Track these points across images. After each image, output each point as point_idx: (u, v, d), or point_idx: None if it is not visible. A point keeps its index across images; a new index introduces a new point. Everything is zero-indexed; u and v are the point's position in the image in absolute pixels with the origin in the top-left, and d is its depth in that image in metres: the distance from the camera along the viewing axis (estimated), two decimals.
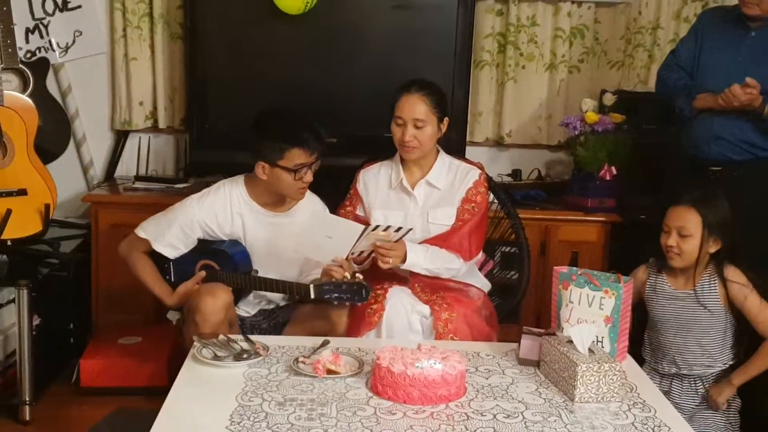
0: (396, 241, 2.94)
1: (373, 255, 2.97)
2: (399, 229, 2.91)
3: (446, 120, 3.12)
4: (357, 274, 2.83)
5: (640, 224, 3.72)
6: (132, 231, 3.66)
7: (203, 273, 3.02)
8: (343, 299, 2.76)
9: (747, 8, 3.29)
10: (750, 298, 2.71)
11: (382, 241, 2.91)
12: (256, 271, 3.03)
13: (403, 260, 2.97)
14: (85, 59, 4.16)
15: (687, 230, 2.72)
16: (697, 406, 2.78)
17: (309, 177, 2.96)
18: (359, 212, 3.20)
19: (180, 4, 4.10)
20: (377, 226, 2.90)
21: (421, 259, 3.01)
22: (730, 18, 3.44)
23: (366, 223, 3.13)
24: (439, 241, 3.09)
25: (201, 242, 3.07)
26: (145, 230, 3.06)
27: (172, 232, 3.01)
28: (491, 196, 3.43)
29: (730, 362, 2.80)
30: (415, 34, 3.89)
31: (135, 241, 3.07)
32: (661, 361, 2.82)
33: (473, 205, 3.13)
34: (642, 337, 2.98)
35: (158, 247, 3.03)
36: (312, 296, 2.80)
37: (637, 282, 2.88)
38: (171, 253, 3.05)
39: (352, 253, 2.88)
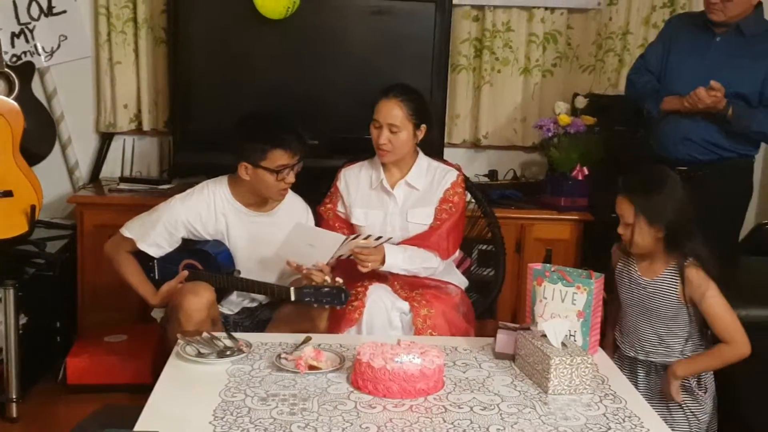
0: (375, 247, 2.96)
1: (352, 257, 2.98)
2: (379, 238, 2.92)
3: (423, 127, 3.11)
4: (337, 279, 2.83)
5: (610, 222, 3.71)
6: (117, 231, 3.67)
7: (186, 272, 3.01)
8: (323, 303, 2.77)
9: (713, 14, 3.32)
10: (707, 302, 2.63)
11: (360, 247, 2.93)
12: (239, 272, 3.03)
13: (383, 262, 2.98)
14: (70, 63, 4.14)
15: (625, 218, 2.67)
16: (657, 393, 2.73)
17: (291, 178, 2.96)
18: (339, 209, 3.20)
19: (163, 9, 4.09)
20: (358, 236, 2.91)
21: (399, 260, 3.02)
22: (697, 24, 3.47)
23: (346, 220, 3.14)
24: (419, 240, 3.10)
25: (185, 242, 3.06)
26: (130, 230, 3.04)
27: (156, 231, 3.00)
28: (468, 195, 3.44)
29: (692, 354, 2.74)
30: (394, 39, 3.90)
31: (120, 241, 3.06)
32: (623, 344, 2.79)
33: (450, 205, 3.14)
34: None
35: (143, 247, 3.01)
36: (292, 299, 2.81)
37: (612, 262, 2.88)
38: (155, 252, 3.04)
39: (332, 259, 2.89)
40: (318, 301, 2.77)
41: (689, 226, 2.65)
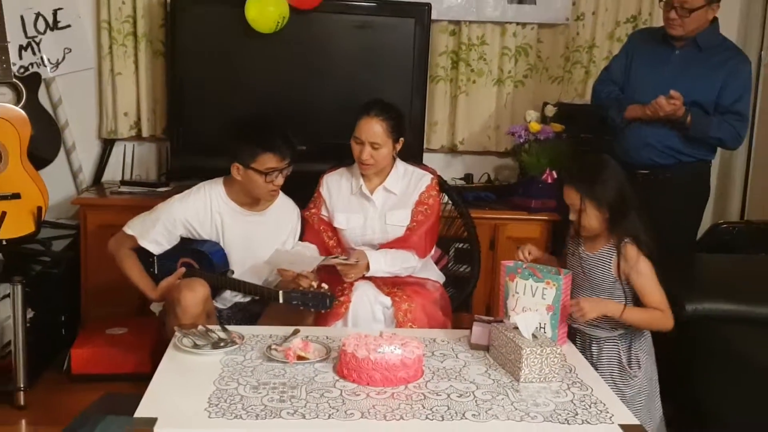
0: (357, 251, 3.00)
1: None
2: (353, 260, 2.96)
3: (401, 140, 3.12)
4: (323, 285, 2.83)
5: None
6: (119, 230, 3.66)
7: (183, 269, 3.00)
8: (309, 306, 2.77)
9: (672, 29, 3.34)
10: (639, 278, 2.62)
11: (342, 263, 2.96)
12: (232, 272, 3.02)
13: (368, 269, 2.99)
14: (75, 74, 4.11)
15: (574, 206, 2.67)
16: (610, 371, 2.71)
17: (279, 181, 2.95)
18: (323, 213, 3.19)
19: (162, 24, 4.07)
20: (336, 256, 2.94)
21: (382, 265, 3.03)
22: (657, 38, 3.48)
23: (329, 224, 3.16)
24: (399, 242, 3.10)
25: (183, 241, 3.05)
26: (131, 228, 3.03)
27: (156, 229, 2.99)
28: (446, 197, 3.45)
29: (625, 331, 2.72)
30: (377, 52, 3.90)
31: (122, 239, 3.04)
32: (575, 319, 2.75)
33: (426, 207, 3.14)
34: None
35: (144, 243, 3.00)
36: (280, 301, 2.81)
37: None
38: (155, 249, 3.03)
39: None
40: (304, 305, 2.77)
41: (627, 207, 2.65)
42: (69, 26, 4.06)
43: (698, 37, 3.34)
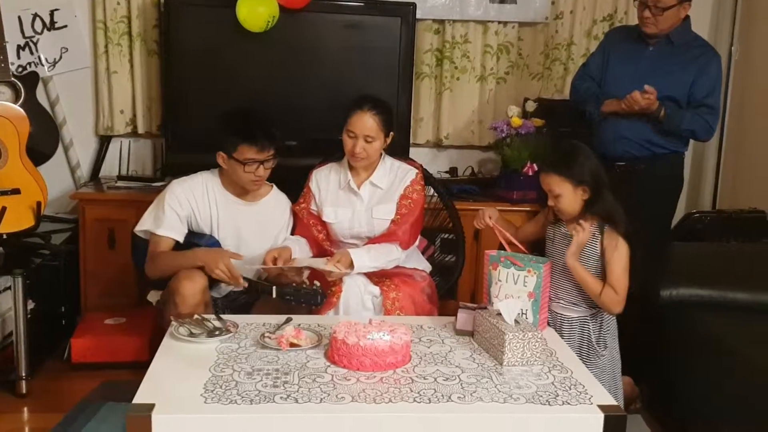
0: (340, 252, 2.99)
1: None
2: (326, 263, 2.93)
3: (392, 134, 3.12)
4: (315, 282, 2.83)
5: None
6: (116, 223, 3.65)
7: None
8: (301, 302, 2.75)
9: (647, 28, 3.35)
10: (614, 257, 2.63)
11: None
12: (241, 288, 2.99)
13: (351, 267, 2.97)
14: (71, 73, 4.10)
15: (554, 191, 2.68)
16: (579, 349, 2.73)
17: (261, 172, 2.93)
18: (312, 207, 3.19)
19: (156, 24, 4.06)
20: (314, 259, 2.93)
21: (366, 261, 3.01)
22: (632, 36, 3.50)
23: (318, 217, 3.15)
24: (385, 236, 3.11)
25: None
26: (143, 224, 2.99)
27: (166, 215, 2.94)
28: (431, 190, 3.45)
29: (602, 313, 2.74)
30: (364, 50, 3.90)
31: (151, 254, 2.94)
32: (551, 300, 2.77)
33: (410, 201, 3.13)
34: None
35: (162, 232, 2.93)
36: (274, 296, 2.78)
37: (543, 220, 2.89)
38: (176, 235, 2.96)
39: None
40: (297, 300, 2.75)
41: (602, 187, 2.67)
42: (65, 26, 4.05)
43: (671, 34, 3.36)
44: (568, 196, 2.67)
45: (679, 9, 3.29)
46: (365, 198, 3.15)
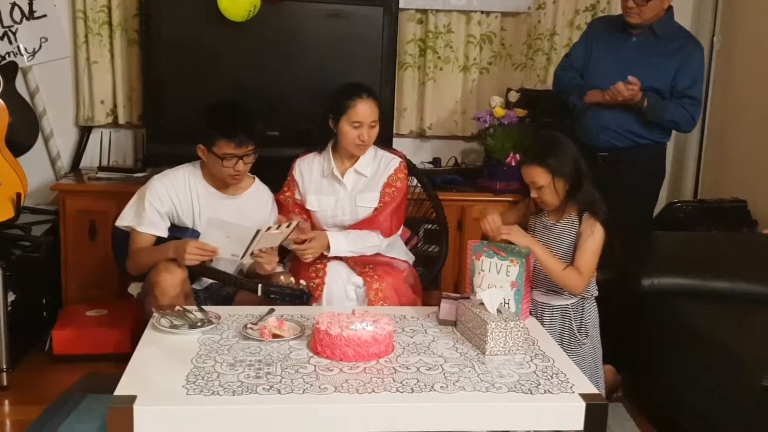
0: (310, 239, 2.98)
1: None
2: (289, 225, 2.88)
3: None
4: (301, 281, 2.82)
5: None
6: (98, 215, 3.62)
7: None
8: (286, 301, 2.74)
9: (630, 18, 3.36)
10: (587, 241, 2.64)
11: (295, 241, 2.94)
12: (211, 261, 2.98)
13: (328, 249, 2.98)
14: (51, 63, 4.06)
15: (537, 183, 2.68)
16: (560, 337, 2.74)
17: (239, 167, 2.90)
18: (297, 196, 3.18)
19: (136, 13, 4.02)
20: (269, 228, 2.83)
21: (343, 244, 3.03)
22: (616, 26, 3.50)
23: (302, 206, 3.14)
24: (366, 222, 3.10)
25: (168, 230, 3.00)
26: (124, 219, 2.97)
27: (147, 211, 2.92)
28: (415, 180, 3.45)
29: (585, 296, 2.76)
30: (347, 40, 3.88)
31: (131, 251, 2.93)
32: (533, 289, 2.78)
33: (393, 189, 3.13)
34: None
35: (143, 229, 2.92)
36: (259, 294, 2.77)
37: (525, 208, 2.89)
38: (157, 231, 2.93)
39: (251, 252, 2.83)
40: (282, 299, 2.74)
41: (582, 177, 2.68)
42: (45, 16, 4.00)
43: (654, 25, 3.37)
44: (550, 187, 2.68)
45: (662, 0, 3.30)
46: (349, 186, 3.15)
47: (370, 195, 3.14)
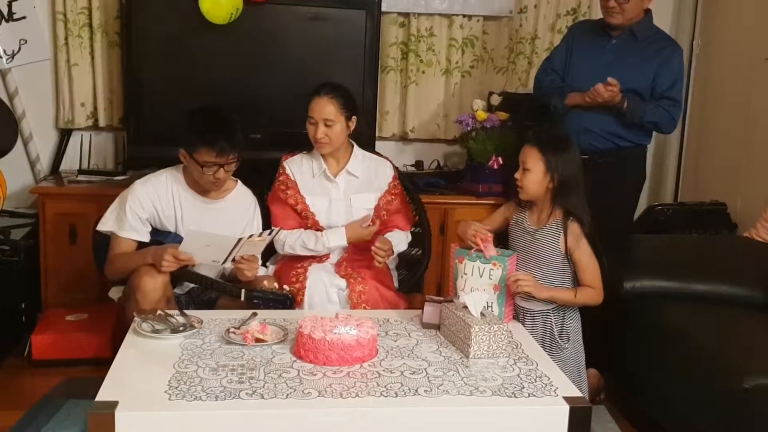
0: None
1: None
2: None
3: (354, 118, 3.12)
4: (285, 286, 2.83)
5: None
6: (78, 218, 3.59)
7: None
8: (269, 306, 2.73)
9: (612, 18, 3.36)
10: (579, 252, 2.69)
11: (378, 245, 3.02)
12: (193, 265, 2.95)
13: (392, 254, 3.09)
14: (31, 65, 3.99)
15: (527, 164, 2.71)
16: (542, 341, 2.74)
17: (220, 174, 2.87)
18: (301, 193, 3.17)
19: (117, 15, 3.99)
20: (251, 235, 2.84)
21: (396, 242, 3.13)
22: (595, 29, 3.52)
23: (303, 203, 3.14)
24: (391, 228, 3.19)
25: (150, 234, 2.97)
26: (105, 224, 2.94)
27: (128, 216, 2.89)
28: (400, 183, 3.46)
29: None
30: (329, 43, 3.88)
31: (111, 256, 2.91)
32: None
33: (393, 197, 3.23)
34: None
35: (124, 234, 2.89)
36: (242, 299, 2.75)
37: (503, 215, 2.91)
38: (138, 236, 2.91)
39: (233, 259, 2.82)
40: (265, 304, 2.73)
41: (577, 187, 2.70)
42: (24, 18, 3.94)
43: (634, 27, 3.39)
44: (536, 174, 2.70)
45: None
46: (341, 186, 3.16)
47: (366, 196, 3.18)
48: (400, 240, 3.18)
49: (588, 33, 3.55)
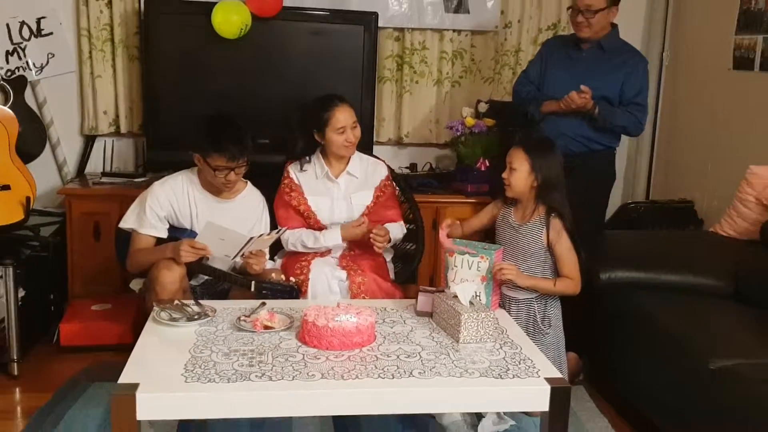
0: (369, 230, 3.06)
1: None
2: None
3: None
4: (291, 278, 2.83)
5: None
6: (101, 216, 3.59)
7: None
8: (277, 297, 2.73)
9: (581, 32, 3.37)
10: (560, 246, 2.70)
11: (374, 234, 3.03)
12: (207, 259, 2.95)
13: (389, 240, 3.09)
14: (58, 77, 4.01)
15: (513, 164, 2.73)
16: (525, 327, 2.75)
17: (231, 177, 2.88)
18: (306, 195, 3.17)
19: (136, 31, 3.99)
20: (261, 234, 2.86)
21: (394, 233, 3.16)
22: (567, 43, 3.52)
23: (305, 204, 3.14)
24: (386, 221, 3.19)
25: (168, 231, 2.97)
26: (127, 222, 2.94)
27: (147, 215, 2.90)
28: (393, 183, 3.45)
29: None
30: (330, 56, 3.87)
31: (132, 251, 2.91)
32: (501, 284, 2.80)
33: (383, 193, 3.22)
34: None
35: (144, 231, 2.90)
36: (252, 290, 2.76)
37: (490, 212, 2.92)
38: (157, 233, 2.91)
39: (243, 254, 2.84)
40: (273, 295, 2.73)
41: (558, 186, 2.72)
42: (51, 33, 3.96)
43: (602, 41, 3.38)
44: (522, 173, 2.72)
45: (608, 12, 3.31)
46: (342, 186, 3.17)
47: (363, 194, 3.19)
48: (395, 230, 3.19)
49: (560, 47, 3.55)
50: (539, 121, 3.48)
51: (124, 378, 2.05)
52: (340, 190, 3.17)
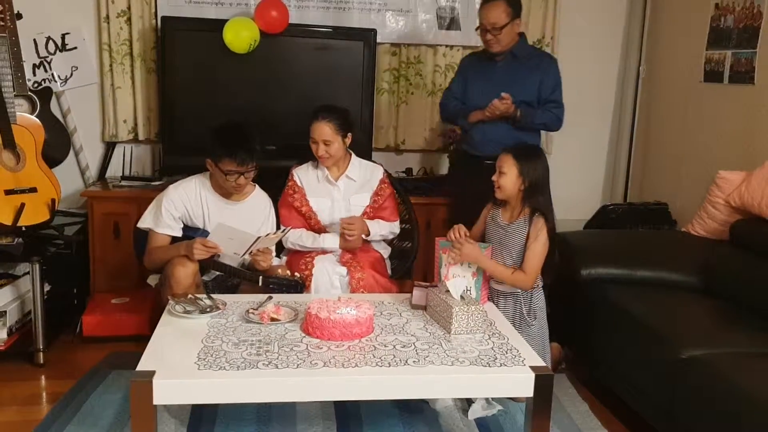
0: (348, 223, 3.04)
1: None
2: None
3: (350, 135, 3.12)
4: (296, 273, 2.83)
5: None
6: (120, 217, 3.58)
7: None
8: (283, 291, 2.73)
9: (492, 48, 3.35)
10: (534, 243, 2.68)
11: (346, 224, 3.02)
12: (218, 256, 2.95)
13: (368, 234, 3.06)
14: (81, 88, 4.01)
15: (503, 169, 2.73)
16: (512, 319, 2.74)
17: (241, 181, 2.87)
18: (307, 198, 3.16)
19: (153, 46, 3.98)
20: (267, 234, 2.86)
21: (376, 228, 3.13)
22: (483, 58, 3.50)
23: (307, 206, 3.14)
24: (377, 218, 3.18)
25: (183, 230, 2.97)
26: (145, 222, 2.94)
27: (164, 215, 2.90)
28: (389, 184, 3.45)
29: (534, 287, 2.77)
30: (333, 69, 3.88)
31: (149, 249, 2.91)
32: (490, 279, 2.78)
33: (380, 196, 3.21)
34: None
35: (160, 230, 2.89)
36: (260, 284, 2.76)
37: (484, 216, 2.90)
38: (172, 232, 2.91)
39: (250, 252, 2.83)
40: (280, 290, 2.73)
41: (543, 190, 2.72)
42: (75, 48, 3.96)
43: (514, 50, 3.37)
44: (511, 177, 2.72)
45: (512, 26, 3.30)
46: (342, 189, 3.16)
47: (362, 196, 3.18)
48: (381, 227, 3.17)
49: (477, 62, 3.53)
50: (467, 130, 3.47)
51: (142, 366, 2.06)
52: (340, 192, 3.17)
